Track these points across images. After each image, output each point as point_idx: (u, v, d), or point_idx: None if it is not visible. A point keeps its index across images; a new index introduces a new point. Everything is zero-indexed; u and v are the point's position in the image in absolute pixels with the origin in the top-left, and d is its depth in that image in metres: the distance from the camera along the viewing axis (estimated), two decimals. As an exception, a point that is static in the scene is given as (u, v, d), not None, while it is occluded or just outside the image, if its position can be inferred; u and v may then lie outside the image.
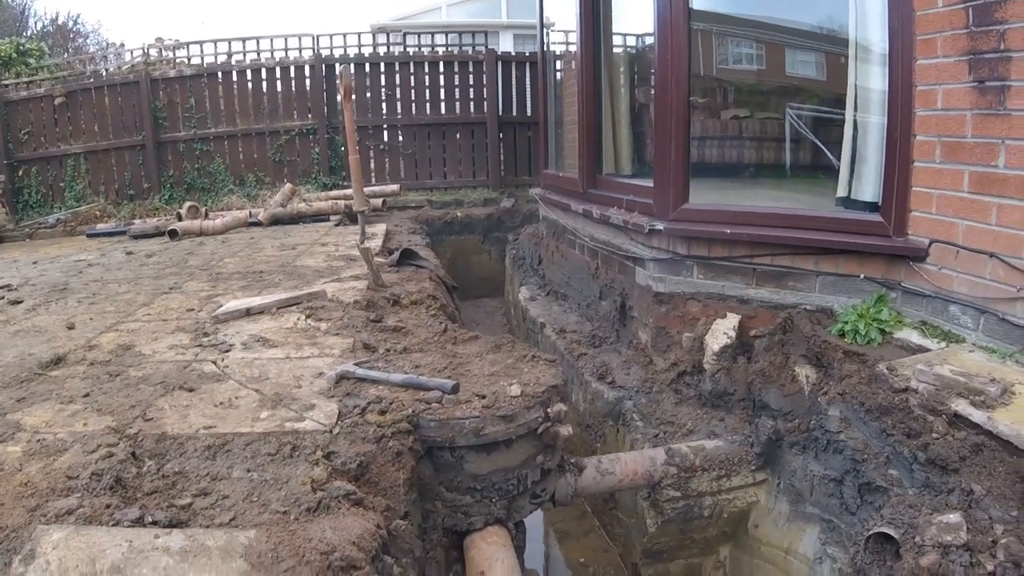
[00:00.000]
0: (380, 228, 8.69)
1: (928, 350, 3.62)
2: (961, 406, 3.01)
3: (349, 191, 9.48)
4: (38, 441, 2.92)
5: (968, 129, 3.64)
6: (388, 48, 12.47)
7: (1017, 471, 2.71)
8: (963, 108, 3.65)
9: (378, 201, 10.13)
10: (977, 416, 2.93)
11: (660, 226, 4.91)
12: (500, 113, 11.63)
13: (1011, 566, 2.48)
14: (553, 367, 3.74)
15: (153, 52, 12.88)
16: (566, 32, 8.64)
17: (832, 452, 3.50)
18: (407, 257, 6.79)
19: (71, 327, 4.74)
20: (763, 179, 6.58)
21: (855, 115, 4.47)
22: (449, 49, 12.44)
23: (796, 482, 3.77)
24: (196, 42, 12.39)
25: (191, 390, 3.43)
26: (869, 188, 4.32)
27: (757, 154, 7.17)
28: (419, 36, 13.04)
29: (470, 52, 12.12)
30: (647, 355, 5.16)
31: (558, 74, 8.83)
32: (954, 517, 2.64)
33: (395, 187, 10.87)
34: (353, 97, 7.71)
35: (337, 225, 9.37)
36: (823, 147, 5.29)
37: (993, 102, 3.50)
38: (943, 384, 3.14)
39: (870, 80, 4.35)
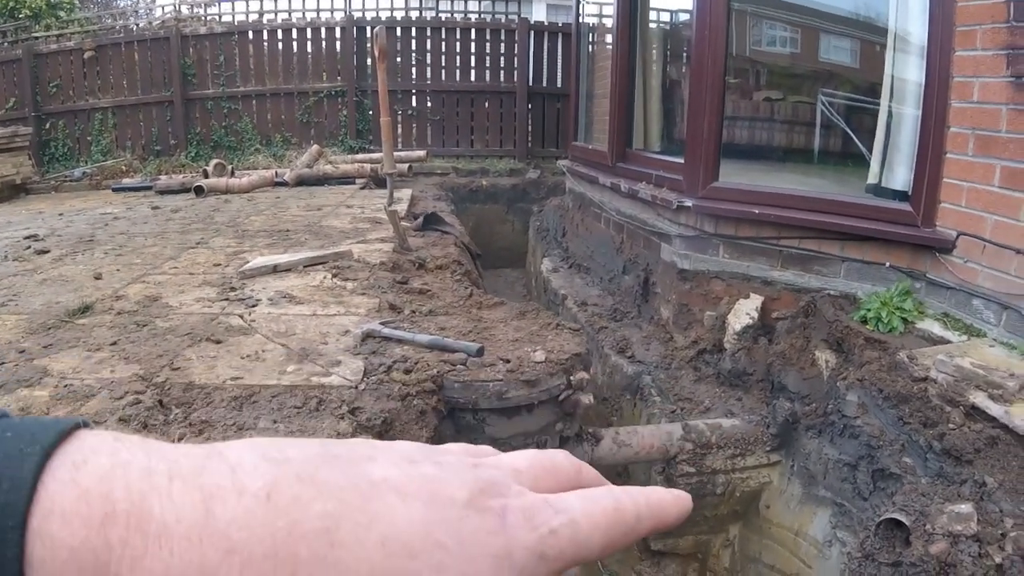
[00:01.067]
0: (406, 193, 8.73)
1: (949, 342, 3.64)
2: (979, 398, 3.04)
3: (375, 155, 9.53)
4: (65, 386, 3.00)
5: (1003, 124, 3.63)
6: (420, 12, 12.46)
7: (1031, 464, 2.75)
8: (999, 102, 3.64)
9: (404, 166, 10.15)
10: (995, 409, 2.96)
11: (688, 203, 4.93)
12: (530, 83, 11.58)
13: (1019, 559, 2.52)
14: (577, 336, 3.79)
15: (184, 8, 12.93)
16: (601, 4, 8.61)
17: (848, 437, 3.54)
18: (432, 222, 6.83)
19: (98, 277, 4.82)
20: (792, 162, 6.58)
21: (890, 104, 4.46)
22: (482, 16, 12.42)
23: (810, 465, 3.82)
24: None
25: (218, 342, 3.50)
26: (900, 177, 4.32)
27: (787, 137, 7.16)
28: (452, 2, 12.97)
29: (503, 20, 12.10)
30: (668, 331, 5.20)
31: (591, 47, 8.80)
32: (965, 508, 2.68)
33: (422, 153, 10.89)
34: (387, 60, 7.73)
35: (363, 188, 9.42)
36: (853, 135, 5.29)
37: None
38: (962, 376, 3.17)
39: (907, 69, 4.33)
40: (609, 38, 7.12)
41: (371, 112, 11.45)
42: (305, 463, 0.38)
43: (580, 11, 8.46)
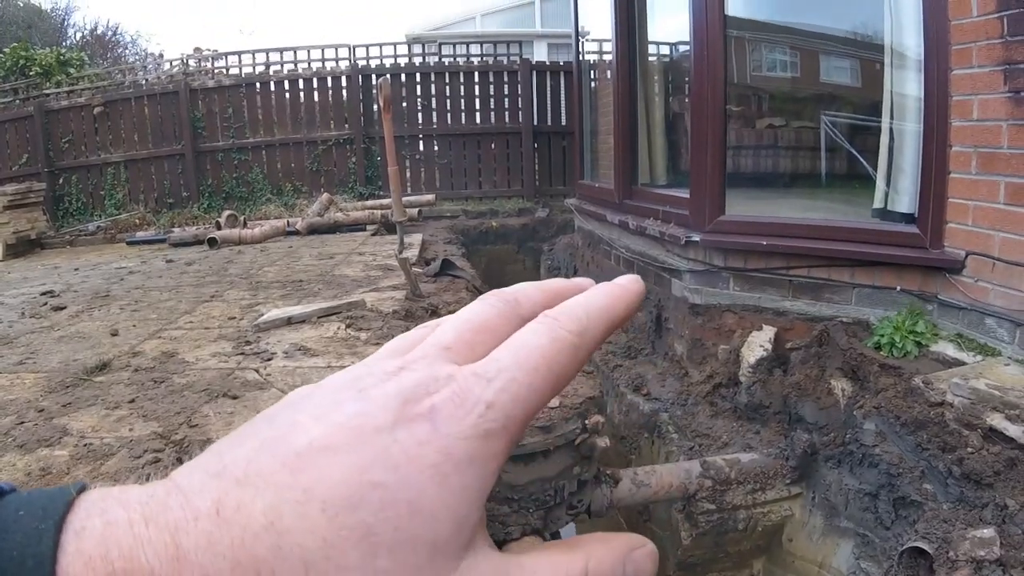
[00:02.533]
0: (416, 238, 8.79)
1: (964, 363, 3.63)
2: (996, 420, 3.03)
3: (386, 200, 9.61)
4: (85, 446, 3.02)
5: (1004, 140, 3.65)
6: (423, 58, 12.64)
7: (1052, 486, 2.74)
8: (999, 119, 3.67)
9: (414, 211, 10.24)
10: (1012, 430, 2.96)
11: (696, 237, 4.96)
12: (535, 123, 11.71)
13: (1044, 581, 2.51)
14: (591, 379, 3.80)
15: (192, 62, 13.16)
16: (600, 41, 8.72)
17: (867, 466, 3.53)
18: (445, 267, 6.88)
19: (115, 333, 4.87)
20: (798, 188, 6.61)
21: (891, 124, 4.50)
22: (484, 59, 12.59)
23: (831, 496, 3.80)
24: (234, 52, 12.67)
25: (235, 397, 3.53)
26: (905, 199, 4.34)
27: (792, 163, 7.20)
28: (454, 46, 13.16)
29: (504, 62, 12.27)
30: (682, 367, 5.21)
31: (592, 83, 8.91)
32: (988, 532, 2.67)
33: (431, 197, 10.98)
34: (391, 109, 7.84)
35: (374, 235, 9.50)
36: (859, 156, 5.32)
37: None
38: (978, 398, 3.16)
39: (906, 89, 4.37)
40: (609, 74, 7.19)
41: (379, 158, 11.55)
42: (238, 463, 0.38)
43: (580, 49, 8.56)
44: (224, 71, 12.80)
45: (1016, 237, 3.62)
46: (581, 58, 8.65)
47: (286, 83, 11.94)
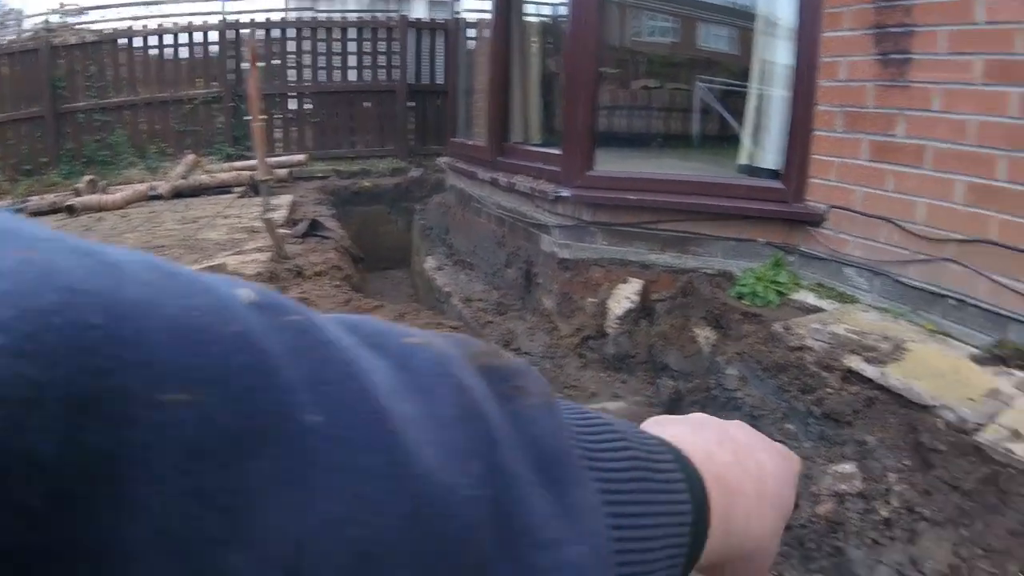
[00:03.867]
0: (285, 199, 8.40)
1: (824, 311, 3.66)
2: (855, 362, 3.03)
3: (254, 162, 9.19)
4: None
5: (870, 100, 3.73)
6: (299, 13, 12.08)
7: (908, 422, 2.74)
8: (866, 79, 3.74)
9: (284, 171, 9.79)
10: (870, 371, 2.96)
11: (566, 193, 4.84)
12: (411, 81, 11.24)
13: (904, 511, 2.50)
14: (456, 334, 3.66)
15: (54, 18, 12.23)
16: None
17: (731, 409, 3.50)
18: (314, 228, 6.61)
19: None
20: (671, 148, 6.63)
21: (760, 86, 4.51)
22: (361, 15, 12.09)
23: (697, 440, 3.77)
24: (99, 7, 11.82)
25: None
26: (770, 156, 4.37)
27: (665, 124, 7.22)
28: (331, 1, 12.62)
29: (382, 18, 11.78)
30: (552, 321, 5.11)
31: (471, 42, 8.66)
32: (849, 467, 2.65)
33: (301, 157, 10.50)
34: (260, 64, 7.47)
35: (241, 197, 9.00)
36: (730, 117, 5.33)
37: (895, 74, 3.58)
38: (838, 342, 3.17)
39: (774, 51, 4.39)
40: (487, 32, 6.99)
41: (249, 117, 10.96)
42: (726, 438, 0.53)
43: (457, 6, 8.34)
44: (88, 27, 11.93)
45: (877, 192, 3.71)
46: (459, 14, 8.42)
47: (152, 38, 11.08)
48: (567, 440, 0.38)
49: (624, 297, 4.46)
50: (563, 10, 5.54)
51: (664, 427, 0.51)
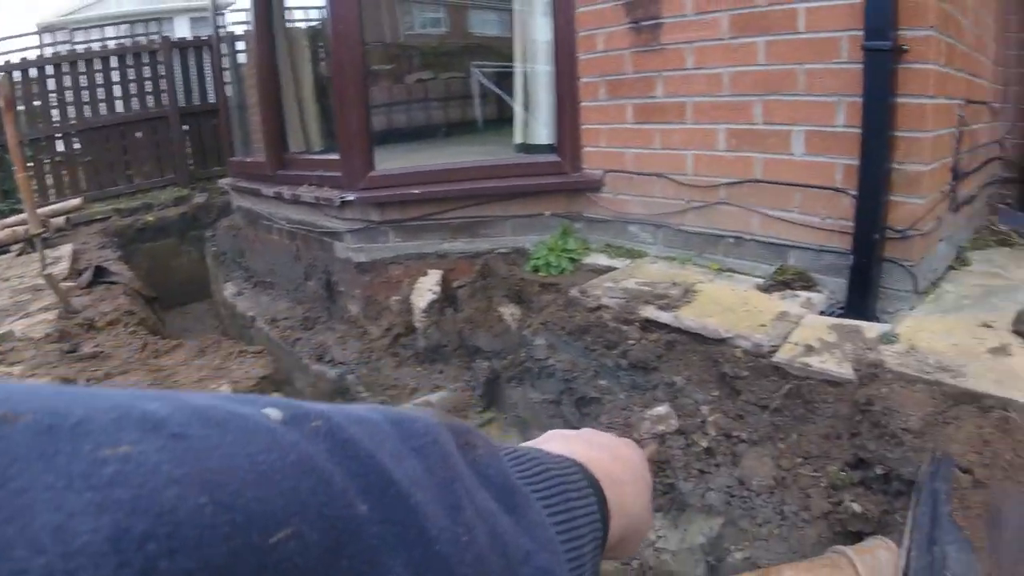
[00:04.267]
0: (65, 249, 7.79)
1: (616, 269, 3.77)
2: (649, 312, 3.14)
3: (26, 215, 8.50)
4: None
5: (629, 66, 3.88)
6: (54, 47, 11.18)
7: (709, 357, 2.86)
8: (623, 48, 3.90)
9: (61, 219, 9.09)
10: (665, 317, 3.07)
11: (351, 197, 4.75)
12: (183, 104, 10.58)
13: (723, 438, 2.61)
14: (262, 358, 3.55)
15: None
16: (244, 10, 8.16)
17: (545, 377, 3.54)
18: (100, 275, 6.20)
19: None
20: (455, 137, 6.64)
21: (525, 64, 4.58)
22: (122, 41, 11.32)
23: (520, 412, 3.79)
24: None
25: None
26: (544, 131, 4.45)
27: (446, 114, 7.22)
28: (88, 31, 11.74)
29: (144, 42, 11.04)
30: (360, 326, 5.02)
31: (241, 55, 8.31)
32: (663, 409, 2.73)
33: (77, 201, 9.75)
34: (16, 108, 6.90)
35: (20, 255, 8.26)
36: (506, 99, 5.38)
37: (649, 39, 3.73)
38: (631, 296, 3.27)
39: (535, 30, 4.47)
40: (253, 44, 6.74)
41: (14, 167, 10.08)
42: (603, 444, 0.67)
43: (220, 20, 8.00)
44: None
45: (646, 151, 3.87)
46: (221, 30, 8.08)
47: None
48: (512, 476, 0.48)
49: (426, 290, 4.43)
50: (326, 13, 5.42)
51: (565, 443, 0.63)
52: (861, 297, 3.05)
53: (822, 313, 3.08)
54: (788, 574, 2.06)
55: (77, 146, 10.36)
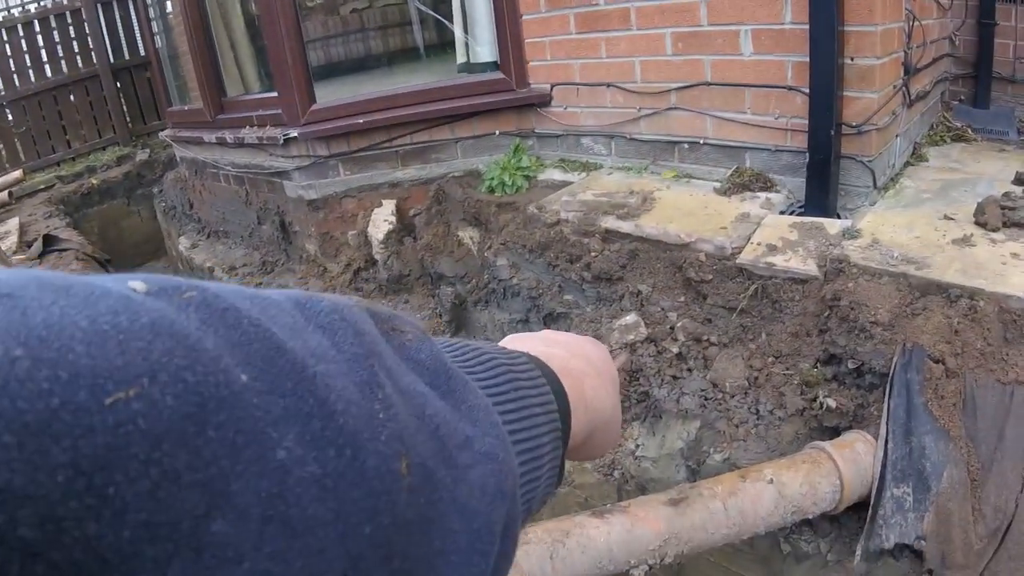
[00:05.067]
0: (12, 223, 7.48)
1: (572, 183, 3.65)
2: (609, 222, 3.04)
3: (-32, 195, 8.16)
4: None
5: None
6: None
7: (673, 263, 2.77)
8: None
9: (3, 195, 8.76)
10: (626, 226, 2.97)
11: (295, 133, 4.54)
12: (113, 60, 10.14)
13: (693, 343, 2.54)
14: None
15: None
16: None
17: (511, 297, 3.44)
18: (49, 244, 5.97)
19: None
20: (397, 66, 6.43)
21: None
22: (41, 3, 10.78)
23: (489, 334, 3.70)
24: None
25: None
26: (487, 49, 4.28)
27: (385, 43, 6.98)
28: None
29: (65, 1, 10.57)
30: (320, 264, 4.87)
31: (168, 3, 7.90)
32: (631, 318, 2.65)
33: (17, 174, 9.34)
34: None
35: (-32, 235, 8.01)
36: (446, 21, 5.17)
37: None
38: (589, 208, 3.16)
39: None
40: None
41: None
42: (560, 342, 0.64)
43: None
44: None
45: (592, 60, 3.74)
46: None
47: None
48: (448, 360, 0.43)
49: (382, 220, 4.28)
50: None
51: (521, 343, 0.61)
52: (820, 194, 2.96)
53: (782, 213, 2.98)
54: (769, 472, 2.00)
55: (10, 118, 9.88)
